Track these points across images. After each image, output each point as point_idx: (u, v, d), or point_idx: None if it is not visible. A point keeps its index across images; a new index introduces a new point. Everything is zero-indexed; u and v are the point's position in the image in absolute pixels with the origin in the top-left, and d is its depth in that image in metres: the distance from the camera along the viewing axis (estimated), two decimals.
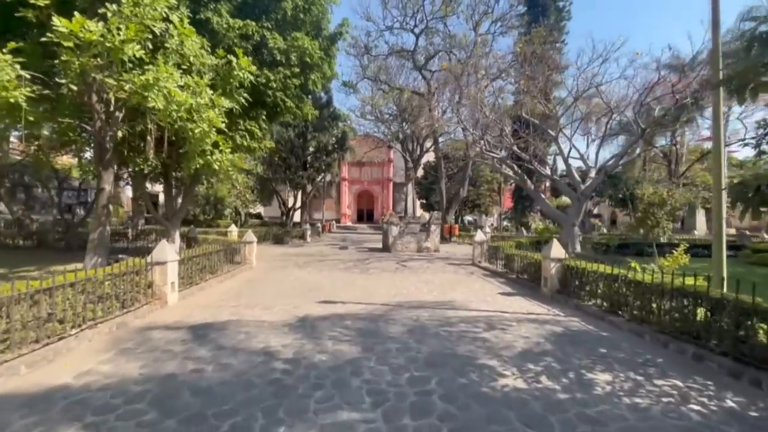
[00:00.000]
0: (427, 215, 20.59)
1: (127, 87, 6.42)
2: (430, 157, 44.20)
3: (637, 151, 14.41)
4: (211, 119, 7.21)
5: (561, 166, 25.04)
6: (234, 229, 22.86)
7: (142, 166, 10.11)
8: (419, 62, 25.23)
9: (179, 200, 13.68)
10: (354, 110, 33.24)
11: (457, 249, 21.37)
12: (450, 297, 8.61)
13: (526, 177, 16.01)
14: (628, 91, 16.44)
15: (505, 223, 41.04)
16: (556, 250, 8.54)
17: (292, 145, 25.36)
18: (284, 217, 30.74)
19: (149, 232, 20.01)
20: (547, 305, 7.86)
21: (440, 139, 27.71)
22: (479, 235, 14.30)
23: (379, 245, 22.67)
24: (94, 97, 7.55)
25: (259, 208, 51.12)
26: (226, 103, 7.72)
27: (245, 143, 10.98)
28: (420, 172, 40.88)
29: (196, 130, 7.15)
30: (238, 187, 20.50)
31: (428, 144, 38.20)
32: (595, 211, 43.98)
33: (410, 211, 24.02)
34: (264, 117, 11.71)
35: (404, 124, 29.71)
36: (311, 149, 26.58)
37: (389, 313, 7.08)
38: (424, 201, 47.78)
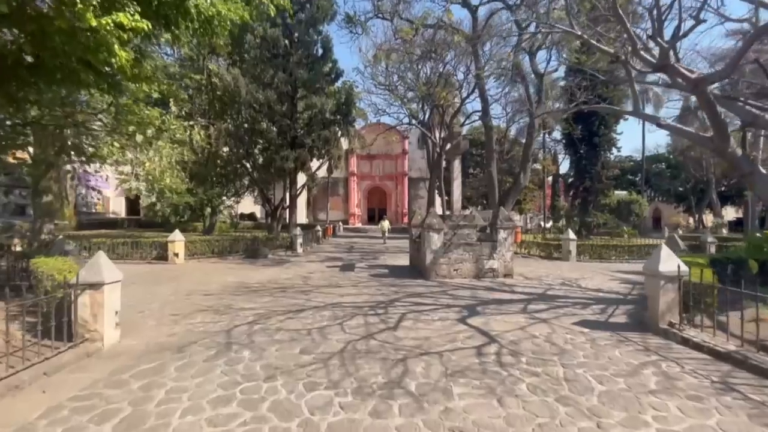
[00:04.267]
0: (477, 215, 12.31)
1: None
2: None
3: None
4: None
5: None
6: (178, 238, 14.81)
7: None
8: None
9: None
10: (362, 73, 25.17)
11: (537, 269, 12.93)
12: None
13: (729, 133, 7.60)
14: None
15: (545, 224, 32.12)
16: None
17: (273, 113, 17.23)
18: (269, 219, 22.76)
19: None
20: None
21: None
22: (666, 263, 5.89)
23: (404, 261, 14.45)
24: None
25: (254, 207, 43.45)
26: None
27: None
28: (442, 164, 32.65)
29: None
30: (150, 173, 12.14)
31: (454, 127, 29.85)
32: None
33: (455, 208, 15.77)
34: None
35: (433, 88, 21.47)
36: (302, 121, 18.46)
37: None
38: (447, 198, 39.38)
